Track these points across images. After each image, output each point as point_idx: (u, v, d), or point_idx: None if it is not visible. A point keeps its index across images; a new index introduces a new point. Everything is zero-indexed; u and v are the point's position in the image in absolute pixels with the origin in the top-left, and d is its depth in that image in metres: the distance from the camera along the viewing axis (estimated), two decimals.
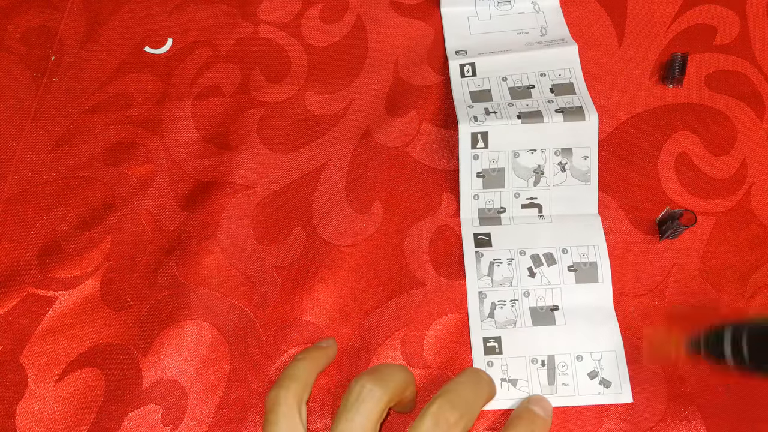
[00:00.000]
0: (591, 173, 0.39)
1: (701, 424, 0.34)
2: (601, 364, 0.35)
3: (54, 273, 0.39)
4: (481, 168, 0.39)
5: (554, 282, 0.37)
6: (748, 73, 0.42)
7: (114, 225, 0.40)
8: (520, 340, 0.36)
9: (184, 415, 0.35)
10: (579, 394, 0.34)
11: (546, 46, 0.42)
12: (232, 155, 0.42)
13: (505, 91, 0.40)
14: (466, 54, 0.43)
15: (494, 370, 0.35)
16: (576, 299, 0.36)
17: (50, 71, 0.45)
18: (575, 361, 0.35)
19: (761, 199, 0.39)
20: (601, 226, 0.38)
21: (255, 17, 0.47)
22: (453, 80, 0.42)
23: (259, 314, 0.37)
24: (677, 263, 0.38)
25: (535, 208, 0.39)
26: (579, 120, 0.38)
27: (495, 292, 0.37)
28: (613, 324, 0.36)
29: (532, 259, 0.37)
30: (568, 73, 0.41)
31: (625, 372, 0.35)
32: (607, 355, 0.35)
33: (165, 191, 0.41)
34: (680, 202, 0.39)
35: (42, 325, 0.37)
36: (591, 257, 0.37)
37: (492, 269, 0.37)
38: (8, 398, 0.36)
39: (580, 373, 0.35)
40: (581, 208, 0.39)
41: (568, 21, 0.45)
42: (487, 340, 0.36)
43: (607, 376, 0.35)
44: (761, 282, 0.37)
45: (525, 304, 0.37)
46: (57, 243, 0.40)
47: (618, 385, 0.34)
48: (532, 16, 0.45)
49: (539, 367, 0.35)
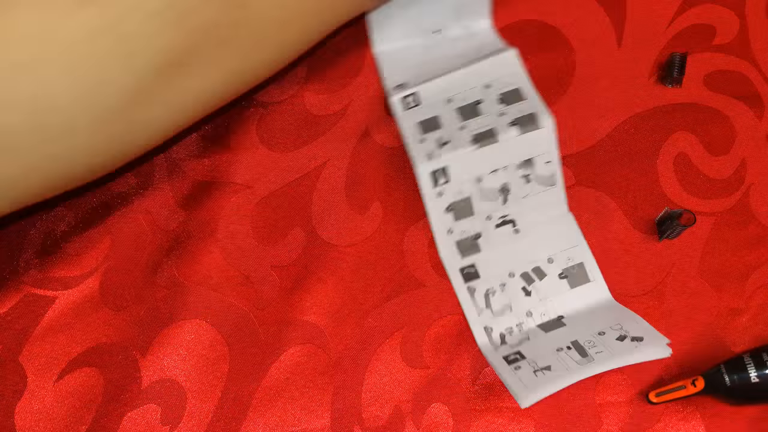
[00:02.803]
0: (556, 176, 0.38)
1: (700, 423, 0.34)
2: (625, 330, 0.35)
3: (53, 272, 0.39)
4: (447, 203, 0.38)
5: (551, 294, 0.37)
6: (748, 73, 0.42)
7: (113, 225, 0.40)
8: (539, 344, 0.35)
9: (183, 415, 0.35)
10: (615, 356, 0.34)
11: (484, 57, 0.40)
12: (231, 155, 0.42)
13: (453, 114, 0.38)
14: (406, 86, 0.41)
15: (524, 372, 0.34)
16: (577, 304, 0.36)
17: None
18: (598, 336, 0.35)
19: (760, 199, 0.39)
20: (575, 223, 0.38)
21: None
22: (398, 116, 0.40)
23: (258, 314, 0.37)
24: (676, 263, 0.38)
25: (509, 224, 0.38)
26: (534, 130, 0.36)
27: (499, 322, 0.36)
28: (623, 312, 0.36)
29: (523, 278, 0.37)
30: (513, 79, 0.39)
31: (650, 327, 0.34)
32: (627, 322, 0.35)
33: (164, 191, 0.41)
34: (679, 202, 0.39)
35: (41, 324, 0.37)
36: (576, 259, 0.37)
37: (488, 300, 0.37)
38: (8, 398, 0.36)
39: (609, 342, 0.34)
40: (552, 210, 0.38)
41: (567, 21, 0.45)
42: (507, 358, 0.35)
43: (636, 334, 0.34)
44: (760, 282, 0.37)
45: (531, 323, 0.36)
46: (56, 242, 0.40)
47: (651, 338, 0.34)
48: (465, 42, 0.43)
49: (566, 351, 0.35)
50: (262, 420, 0.36)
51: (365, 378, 0.36)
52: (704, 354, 0.36)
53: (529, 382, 0.33)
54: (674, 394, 0.33)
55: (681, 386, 0.33)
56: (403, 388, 0.36)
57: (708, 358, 0.35)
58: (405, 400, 0.36)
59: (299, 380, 0.36)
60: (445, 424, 0.35)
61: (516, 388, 0.33)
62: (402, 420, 0.35)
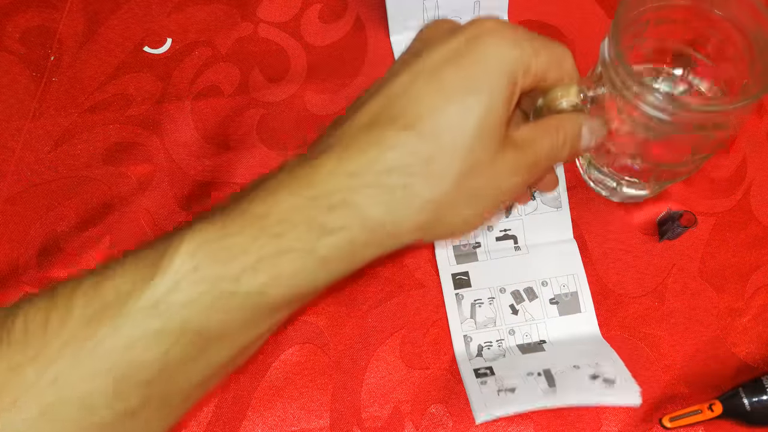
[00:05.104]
0: (561, 199, 0.38)
1: (699, 423, 0.34)
2: (601, 370, 0.34)
3: (53, 272, 0.39)
4: None
5: (538, 317, 0.36)
6: None
7: (113, 225, 0.40)
8: (512, 364, 0.35)
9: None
10: (581, 394, 0.33)
11: None
12: (232, 155, 0.42)
13: None
14: None
15: (488, 388, 0.34)
16: (562, 332, 0.36)
17: (49, 71, 0.45)
18: (573, 369, 0.34)
19: (760, 199, 0.39)
20: (578, 252, 0.37)
21: (254, 17, 0.47)
22: None
23: None
24: (677, 264, 0.38)
25: (510, 240, 0.38)
26: None
27: (480, 334, 0.36)
28: (606, 350, 0.35)
29: (513, 296, 0.37)
30: None
31: (624, 369, 0.34)
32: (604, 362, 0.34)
33: (164, 191, 0.41)
34: (680, 202, 0.39)
35: None
36: (571, 287, 0.37)
37: (474, 311, 0.37)
38: None
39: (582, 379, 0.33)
40: (556, 234, 0.38)
41: (567, 21, 0.45)
42: (477, 371, 0.35)
43: (609, 376, 0.33)
44: (761, 282, 0.37)
45: (512, 342, 0.36)
46: (56, 243, 0.40)
47: (622, 381, 0.33)
48: None
49: (536, 377, 0.34)
50: (262, 420, 0.35)
51: (365, 378, 0.36)
52: (705, 354, 0.36)
53: (489, 399, 0.33)
54: (690, 419, 0.31)
55: (697, 410, 0.31)
56: (403, 389, 0.36)
57: (709, 358, 0.35)
58: (404, 401, 0.36)
59: (299, 380, 0.36)
60: (445, 425, 0.35)
61: (476, 402, 0.33)
62: (401, 420, 0.35)
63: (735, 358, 0.35)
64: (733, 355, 0.35)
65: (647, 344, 0.36)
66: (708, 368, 0.35)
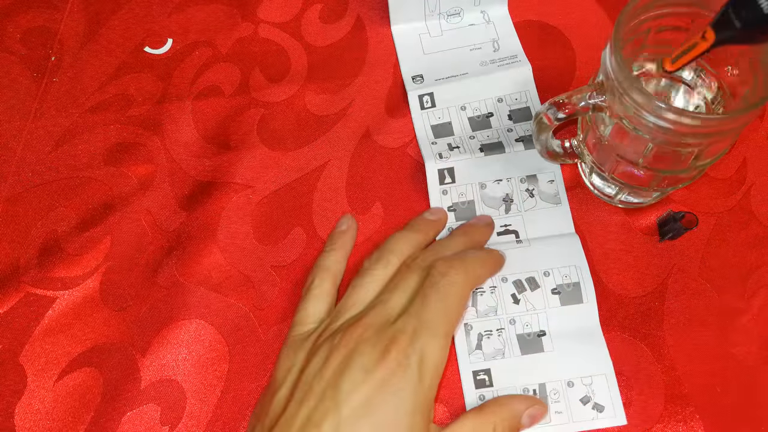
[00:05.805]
0: (560, 195, 0.39)
1: (699, 424, 0.34)
2: (592, 389, 0.34)
3: (53, 273, 0.39)
4: (451, 202, 0.39)
5: (539, 307, 0.36)
6: None
7: (114, 225, 0.40)
8: (511, 370, 0.35)
9: (182, 415, 0.35)
10: (573, 420, 0.34)
11: (500, 67, 0.43)
12: (232, 155, 0.42)
13: (465, 123, 0.41)
14: (422, 81, 0.43)
15: None
16: (562, 322, 0.36)
17: (50, 71, 0.45)
18: (566, 387, 0.34)
19: (761, 200, 0.39)
20: (580, 245, 0.37)
21: (255, 17, 0.47)
22: (414, 115, 0.42)
23: (258, 314, 0.37)
24: (677, 264, 0.38)
25: (512, 234, 0.38)
26: None
27: (480, 323, 0.36)
28: (601, 345, 0.35)
29: (515, 285, 0.37)
30: (524, 96, 0.42)
31: (617, 394, 0.34)
32: (598, 379, 0.34)
33: (165, 191, 0.41)
34: (680, 202, 0.39)
35: (41, 325, 0.37)
36: (573, 278, 0.37)
37: (475, 299, 0.37)
38: (7, 398, 0.36)
39: (572, 400, 0.34)
40: (557, 228, 0.38)
41: (567, 21, 0.45)
42: (477, 374, 0.35)
43: (600, 400, 0.34)
44: (761, 282, 0.37)
45: (512, 332, 0.36)
46: (57, 243, 0.40)
47: (611, 409, 0.34)
48: (482, 28, 0.45)
49: (530, 394, 0.34)
50: None
51: None
52: (705, 354, 0.36)
53: None
54: (689, 55, 0.30)
55: (692, 45, 0.30)
56: None
57: (709, 358, 0.35)
58: None
59: None
60: None
61: None
62: None
63: (735, 358, 0.35)
64: (733, 356, 0.35)
65: (647, 344, 0.36)
66: (708, 368, 0.35)
